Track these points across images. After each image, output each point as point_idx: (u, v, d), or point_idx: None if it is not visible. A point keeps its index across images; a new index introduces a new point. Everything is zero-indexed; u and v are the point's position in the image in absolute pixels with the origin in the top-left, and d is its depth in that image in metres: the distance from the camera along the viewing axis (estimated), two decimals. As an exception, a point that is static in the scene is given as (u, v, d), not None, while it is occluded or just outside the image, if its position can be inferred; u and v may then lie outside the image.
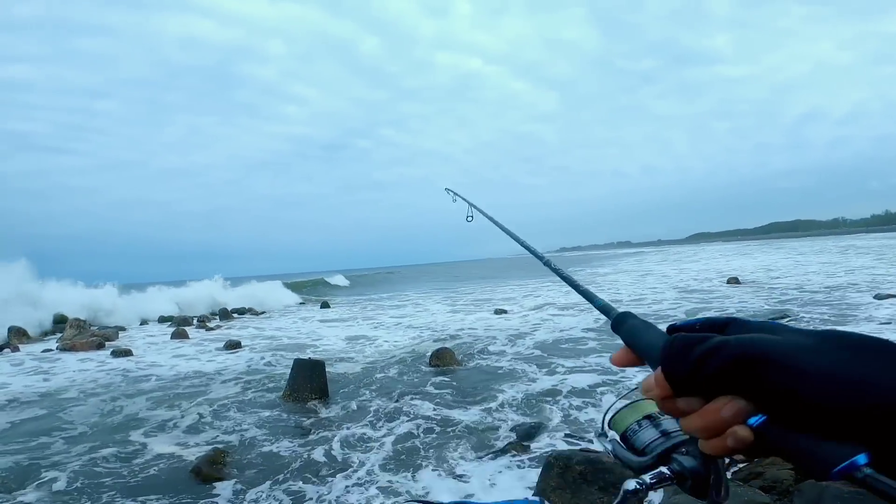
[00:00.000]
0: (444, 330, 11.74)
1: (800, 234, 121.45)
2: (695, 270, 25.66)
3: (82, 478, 4.38)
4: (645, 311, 12.62)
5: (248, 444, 5.03)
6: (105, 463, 4.72)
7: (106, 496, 4.03)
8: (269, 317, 18.76)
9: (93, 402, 6.89)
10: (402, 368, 7.90)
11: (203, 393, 7.01)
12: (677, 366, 0.43)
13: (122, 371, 8.85)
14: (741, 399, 0.39)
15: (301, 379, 6.45)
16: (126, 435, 5.43)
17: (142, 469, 4.54)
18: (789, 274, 19.03)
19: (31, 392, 7.66)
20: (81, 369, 9.27)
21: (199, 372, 8.54)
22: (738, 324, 0.46)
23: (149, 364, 9.53)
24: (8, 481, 4.36)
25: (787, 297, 12.75)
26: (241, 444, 5.02)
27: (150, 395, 7.08)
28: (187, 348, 11.36)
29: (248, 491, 4.08)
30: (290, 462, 4.60)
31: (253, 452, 4.82)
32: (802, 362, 0.37)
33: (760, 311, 10.84)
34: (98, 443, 5.20)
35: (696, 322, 0.49)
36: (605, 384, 6.21)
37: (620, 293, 17.79)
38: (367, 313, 17.36)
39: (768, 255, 34.72)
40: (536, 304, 15.75)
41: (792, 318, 9.46)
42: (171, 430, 5.55)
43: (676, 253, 55.02)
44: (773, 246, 53.79)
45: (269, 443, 5.07)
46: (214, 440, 5.15)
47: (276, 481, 4.24)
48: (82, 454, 4.93)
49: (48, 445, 5.24)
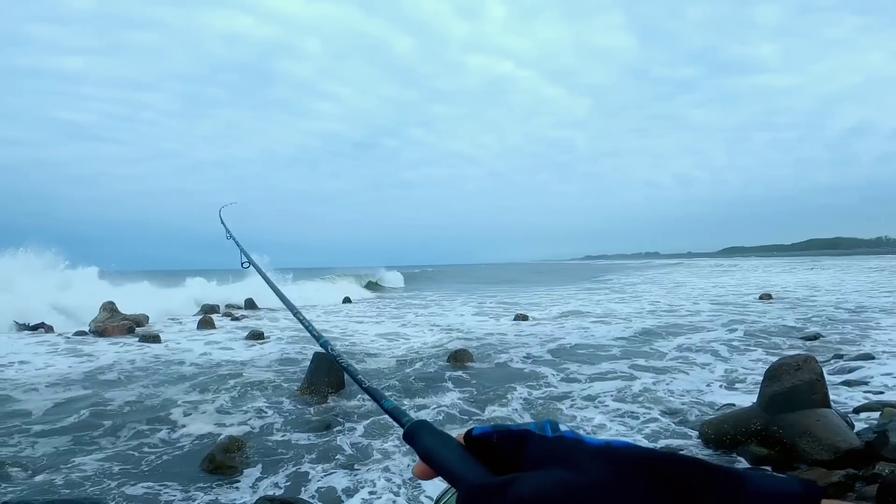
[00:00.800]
0: (470, 332, 11.70)
1: (840, 252, 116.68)
2: (728, 284, 24.96)
3: (111, 460, 4.52)
4: (680, 321, 12.35)
5: (263, 435, 5.11)
6: (125, 444, 4.86)
7: (118, 478, 4.15)
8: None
9: (120, 386, 7.13)
10: (422, 368, 7.90)
11: (222, 382, 7.15)
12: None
13: (154, 357, 9.11)
14: None
15: (319, 372, 6.51)
16: (145, 420, 5.58)
17: (157, 454, 4.66)
18: (825, 292, 18.32)
19: (77, 372, 7.95)
20: (116, 352, 9.57)
21: (221, 361, 8.73)
22: (535, 439, 0.43)
23: (177, 350, 9.79)
24: (46, 457, 4.54)
25: (820, 316, 12.28)
26: (256, 434, 5.10)
27: (173, 382, 7.27)
28: (212, 337, 11.62)
29: (260, 480, 4.14)
30: (302, 453, 4.65)
31: (267, 443, 4.89)
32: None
33: (791, 329, 10.46)
34: (122, 424, 5.37)
35: (492, 433, 0.46)
36: (620, 392, 6.09)
37: (659, 302, 17.53)
38: (393, 311, 17.47)
39: (805, 272, 33.49)
40: (562, 312, 15.57)
41: (823, 339, 9.08)
42: (190, 417, 5.68)
43: (708, 266, 53.65)
44: (810, 263, 51.88)
45: (284, 434, 5.13)
46: (229, 428, 5.24)
47: (287, 472, 4.29)
48: (107, 436, 5.10)
49: (86, 425, 5.44)
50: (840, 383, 5.95)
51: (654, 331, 11.02)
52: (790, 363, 4.50)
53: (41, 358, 9.05)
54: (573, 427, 4.85)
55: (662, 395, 6.10)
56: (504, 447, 0.45)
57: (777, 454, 4.06)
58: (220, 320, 14.57)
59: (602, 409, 5.72)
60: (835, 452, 3.77)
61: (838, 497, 0.37)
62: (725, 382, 6.63)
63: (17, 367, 8.30)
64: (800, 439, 3.98)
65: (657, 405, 5.73)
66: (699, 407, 5.61)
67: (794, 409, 4.19)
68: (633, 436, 4.87)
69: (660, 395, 6.14)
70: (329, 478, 4.17)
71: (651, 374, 7.16)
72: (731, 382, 6.62)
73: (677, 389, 6.35)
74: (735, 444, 4.32)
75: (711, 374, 7.12)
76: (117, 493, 3.86)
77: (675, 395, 6.14)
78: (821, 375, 4.39)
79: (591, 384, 6.73)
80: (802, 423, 4.06)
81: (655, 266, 54.41)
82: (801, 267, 42.39)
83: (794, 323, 11.37)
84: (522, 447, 0.44)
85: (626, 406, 5.73)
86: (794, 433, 4.04)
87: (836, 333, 9.47)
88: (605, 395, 6.22)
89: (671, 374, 7.13)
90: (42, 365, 8.49)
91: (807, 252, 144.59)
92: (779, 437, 4.11)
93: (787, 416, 4.16)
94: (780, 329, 10.64)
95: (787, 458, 3.99)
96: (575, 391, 6.42)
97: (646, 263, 56.14)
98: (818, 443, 3.88)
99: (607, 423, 5.26)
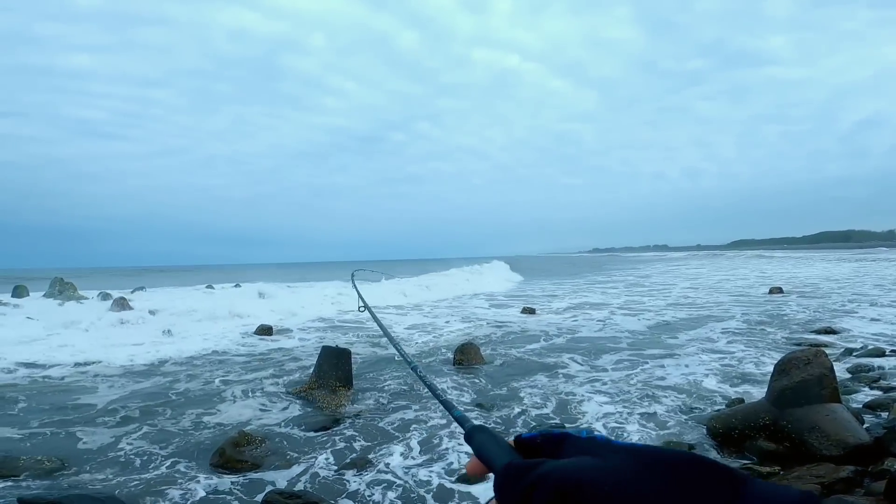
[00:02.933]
0: (481, 320, 11.71)
1: (852, 245, 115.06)
2: (738, 277, 24.75)
3: (123, 452, 4.59)
4: (691, 314, 12.28)
5: (272, 429, 5.15)
6: (137, 436, 4.93)
7: (127, 472, 4.21)
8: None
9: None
10: (431, 361, 7.92)
11: (230, 375, 7.22)
12: (508, 496, 0.48)
13: (163, 342, 9.20)
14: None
15: (327, 366, 6.54)
16: (154, 412, 5.66)
17: (167, 447, 4.71)
18: (837, 285, 18.13)
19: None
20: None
21: (229, 355, 8.80)
22: (572, 440, 0.51)
23: (185, 339, 9.89)
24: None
25: (831, 310, 12.16)
26: (266, 429, 5.15)
27: (180, 377, 7.35)
28: (221, 330, 11.70)
29: (269, 474, 4.18)
30: (311, 448, 4.69)
31: (276, 437, 4.94)
32: (612, 487, 0.42)
33: (802, 322, 10.37)
34: (137, 413, 5.45)
35: (538, 436, 0.55)
36: (629, 383, 6.07)
37: (670, 296, 17.44)
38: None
39: (816, 265, 33.12)
40: (571, 304, 15.54)
41: (834, 334, 9.00)
42: (200, 412, 5.74)
43: (717, 258, 53.16)
44: (822, 256, 51.29)
45: (293, 428, 5.18)
46: (239, 423, 5.29)
47: (296, 466, 4.33)
48: (119, 427, 5.18)
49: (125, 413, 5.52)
50: (850, 378, 5.90)
51: (666, 324, 10.98)
52: (800, 357, 4.46)
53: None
54: (596, 427, 4.87)
55: (671, 388, 6.09)
56: (546, 448, 0.53)
57: (785, 449, 4.03)
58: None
59: (608, 399, 5.72)
60: (843, 448, 3.75)
61: (846, 493, 0.42)
62: (734, 376, 6.59)
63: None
64: (808, 434, 3.95)
65: (666, 398, 5.72)
66: (708, 400, 5.59)
67: (803, 404, 4.15)
68: (642, 428, 4.86)
69: (668, 387, 6.12)
70: (337, 472, 4.21)
71: (661, 367, 7.14)
72: (740, 376, 6.58)
73: (685, 382, 6.33)
74: (743, 438, 4.30)
75: (720, 367, 7.09)
76: (127, 486, 3.92)
77: (683, 387, 6.12)
78: (830, 370, 4.35)
79: (601, 374, 6.72)
80: (811, 418, 4.03)
81: (667, 259, 53.99)
82: (812, 260, 41.93)
83: (804, 317, 11.26)
84: (561, 446, 0.51)
85: (634, 398, 5.72)
86: (803, 428, 4.01)
87: (847, 328, 9.37)
88: (614, 385, 6.21)
89: (680, 367, 7.10)
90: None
91: (818, 245, 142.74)
92: (787, 432, 4.08)
93: (796, 411, 4.13)
94: (790, 323, 10.55)
95: (796, 453, 3.96)
96: (587, 381, 6.42)
97: (662, 256, 55.77)
98: (827, 438, 3.85)
99: (614, 413, 5.25)
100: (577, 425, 4.47)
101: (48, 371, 7.71)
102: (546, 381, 6.66)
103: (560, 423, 5.10)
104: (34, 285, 19.39)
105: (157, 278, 36.60)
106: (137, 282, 27.76)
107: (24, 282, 20.08)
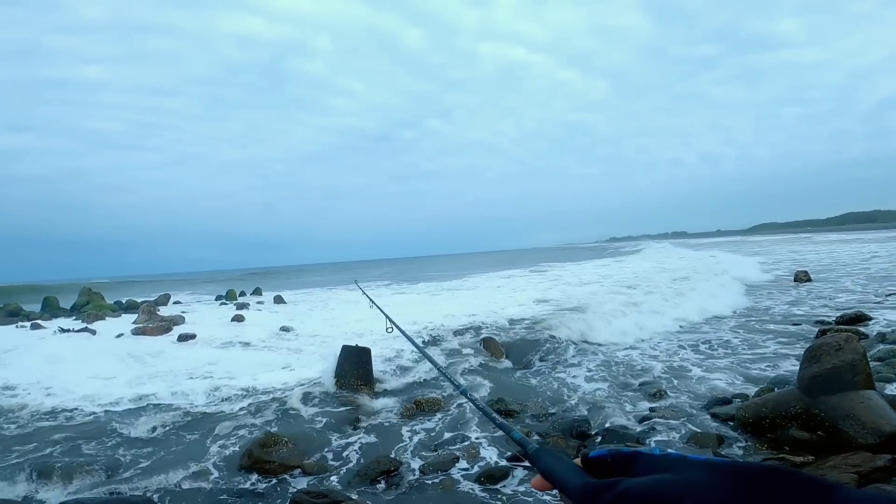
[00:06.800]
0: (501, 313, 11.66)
1: (878, 226, 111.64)
2: (762, 262, 24.21)
3: (153, 456, 4.69)
4: (712, 304, 12.05)
5: (298, 429, 5.20)
6: (163, 438, 5.03)
7: (160, 474, 4.29)
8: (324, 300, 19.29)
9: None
10: (452, 356, 7.91)
11: (253, 375, 7.31)
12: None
13: (186, 349, 9.37)
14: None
15: (348, 366, 6.57)
16: (183, 412, 5.76)
17: (195, 450, 4.79)
18: (865, 268, 17.62)
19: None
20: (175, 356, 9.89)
21: (252, 356, 8.92)
22: (643, 458, 0.51)
23: (211, 347, 10.05)
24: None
25: (861, 295, 11.82)
26: (292, 429, 5.20)
27: (203, 378, 7.47)
28: (243, 332, 11.86)
29: (297, 474, 4.22)
30: (337, 446, 4.73)
31: (303, 437, 4.98)
32: (694, 501, 0.42)
33: (830, 309, 10.10)
34: (156, 419, 5.55)
35: (607, 455, 0.54)
36: (657, 374, 5.98)
37: (696, 288, 17.10)
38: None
39: (843, 247, 32.24)
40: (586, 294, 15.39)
41: (866, 320, 8.74)
42: (223, 412, 5.82)
43: (738, 243, 52.10)
44: (848, 237, 49.97)
45: (319, 428, 5.22)
46: (265, 424, 5.35)
47: (323, 465, 4.37)
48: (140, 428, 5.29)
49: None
50: (885, 364, 5.72)
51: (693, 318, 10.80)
52: (830, 343, 4.33)
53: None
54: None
55: (698, 379, 5.99)
56: (616, 466, 0.52)
57: (818, 438, 3.93)
58: (251, 313, 14.88)
59: (631, 392, 5.65)
60: (880, 436, 3.64)
61: (884, 482, 0.42)
62: (762, 365, 6.46)
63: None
64: (842, 422, 3.84)
65: (693, 388, 5.63)
66: (736, 389, 5.49)
67: (835, 391, 4.04)
68: (670, 422, 4.78)
69: (695, 379, 6.02)
70: (362, 471, 4.23)
71: (690, 358, 7.03)
72: (767, 364, 6.44)
73: (712, 375, 6.22)
74: (774, 427, 4.20)
75: (748, 356, 6.95)
76: (157, 489, 4.00)
77: (710, 379, 6.02)
78: (864, 355, 4.22)
79: (621, 364, 6.65)
80: (845, 405, 3.92)
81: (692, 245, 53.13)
82: (837, 243, 40.85)
83: (832, 303, 10.97)
84: (632, 465, 0.51)
85: (658, 390, 5.65)
86: (837, 416, 3.90)
87: (879, 315, 9.08)
88: (636, 376, 6.14)
89: (709, 358, 6.99)
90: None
91: (843, 227, 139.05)
92: (820, 420, 3.98)
93: (829, 399, 4.02)
94: (815, 310, 10.29)
95: (830, 442, 3.86)
96: (593, 370, 6.36)
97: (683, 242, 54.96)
98: (862, 426, 3.74)
99: (643, 406, 5.19)
100: (649, 442, 4.41)
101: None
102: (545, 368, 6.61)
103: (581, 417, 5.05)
104: (63, 298, 19.86)
105: (183, 286, 37.16)
106: (164, 289, 28.14)
107: (52, 293, 20.59)
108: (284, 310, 16.92)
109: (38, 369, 7.80)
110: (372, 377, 6.58)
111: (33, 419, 5.71)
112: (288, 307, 17.87)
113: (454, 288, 20.43)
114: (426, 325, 9.92)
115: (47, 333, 12.61)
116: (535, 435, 4.72)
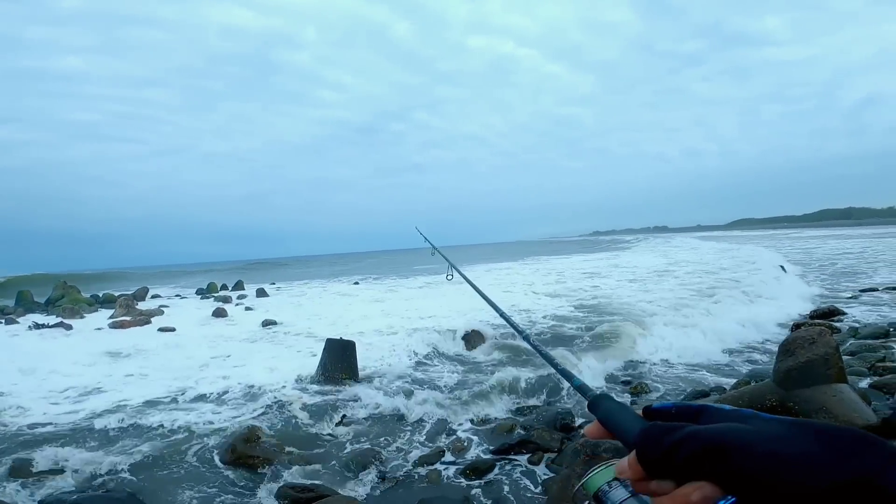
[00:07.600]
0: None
1: (852, 223, 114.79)
2: (737, 256, 24.69)
3: (139, 453, 4.62)
4: (688, 295, 12.26)
5: (282, 423, 5.18)
6: (148, 433, 4.96)
7: (145, 471, 4.24)
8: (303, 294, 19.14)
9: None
10: (433, 351, 7.94)
11: (235, 370, 7.25)
12: (651, 451, 0.47)
13: (165, 345, 9.24)
14: (709, 485, 0.43)
15: (332, 359, 6.56)
16: (166, 408, 5.69)
17: (179, 445, 4.74)
18: (838, 264, 18.11)
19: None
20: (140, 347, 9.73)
21: (232, 349, 8.84)
22: (711, 411, 0.49)
23: (188, 340, 9.92)
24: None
25: (835, 290, 12.15)
26: (276, 423, 5.17)
27: (182, 374, 7.39)
28: (223, 326, 11.73)
29: (281, 468, 4.21)
30: (322, 440, 4.73)
31: (287, 431, 4.97)
32: (766, 449, 0.42)
33: (805, 303, 10.38)
34: (139, 415, 5.48)
35: (671, 406, 0.53)
36: (631, 366, 6.09)
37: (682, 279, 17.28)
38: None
39: (817, 243, 33.08)
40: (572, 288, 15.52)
41: (839, 315, 8.99)
42: (206, 408, 5.77)
43: (718, 238, 53.08)
44: (823, 233, 51.23)
45: (303, 422, 5.20)
46: (248, 419, 5.31)
47: (308, 459, 4.36)
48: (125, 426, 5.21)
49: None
50: (857, 359, 5.91)
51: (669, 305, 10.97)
52: (804, 337, 4.44)
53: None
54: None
55: (674, 370, 6.11)
56: (681, 419, 0.50)
57: (793, 430, 4.05)
58: (233, 308, 14.71)
59: (609, 382, 5.74)
60: (851, 428, 3.76)
61: None
62: (740, 357, 6.62)
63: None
64: (816, 415, 3.96)
65: (669, 380, 5.75)
66: (713, 380, 5.62)
67: (809, 384, 4.16)
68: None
69: (672, 370, 6.14)
70: (347, 463, 4.24)
71: (665, 349, 7.17)
72: (745, 357, 6.60)
73: (690, 364, 6.35)
74: (750, 420, 4.31)
75: (723, 347, 7.11)
76: (142, 486, 3.96)
77: (687, 369, 6.14)
78: (836, 349, 4.34)
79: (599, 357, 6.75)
80: (818, 398, 4.04)
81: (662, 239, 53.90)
82: (813, 238, 41.86)
83: (807, 297, 11.26)
84: (697, 418, 0.50)
85: (635, 380, 5.75)
86: (810, 409, 4.02)
87: (851, 309, 9.35)
88: (614, 369, 6.24)
89: (686, 349, 7.13)
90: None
91: (819, 223, 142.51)
92: (795, 413, 4.09)
93: (803, 392, 4.14)
94: (791, 304, 10.56)
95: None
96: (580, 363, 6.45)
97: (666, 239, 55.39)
98: (835, 419, 3.86)
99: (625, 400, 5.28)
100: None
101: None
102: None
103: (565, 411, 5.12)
104: (39, 292, 19.34)
105: (166, 278, 36.43)
106: (145, 281, 27.50)
107: (29, 286, 20.06)
108: (267, 303, 16.77)
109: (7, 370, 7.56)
110: (357, 370, 6.57)
111: (11, 418, 5.59)
112: (271, 300, 17.74)
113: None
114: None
115: (21, 329, 12.31)
116: (519, 430, 4.77)
